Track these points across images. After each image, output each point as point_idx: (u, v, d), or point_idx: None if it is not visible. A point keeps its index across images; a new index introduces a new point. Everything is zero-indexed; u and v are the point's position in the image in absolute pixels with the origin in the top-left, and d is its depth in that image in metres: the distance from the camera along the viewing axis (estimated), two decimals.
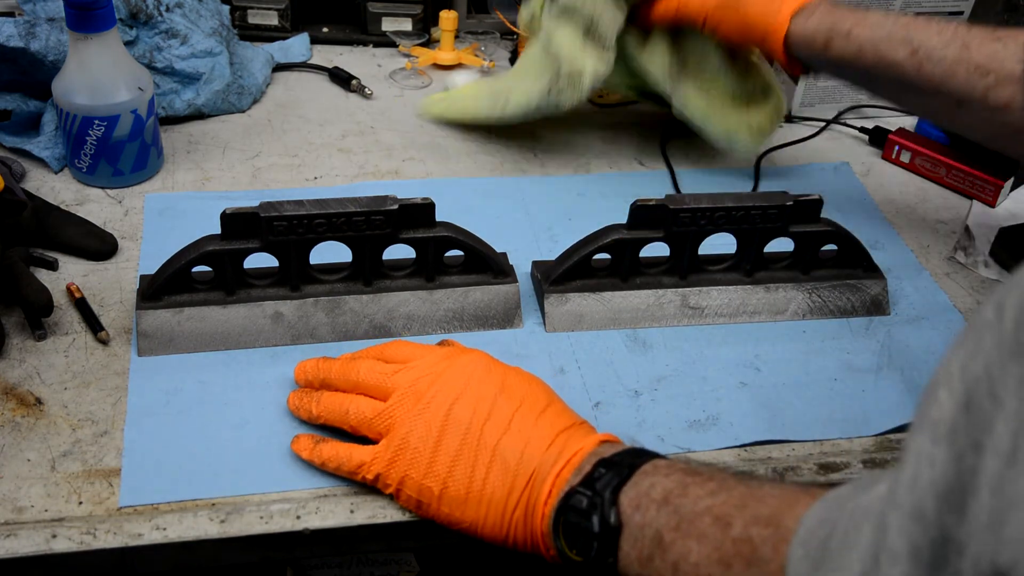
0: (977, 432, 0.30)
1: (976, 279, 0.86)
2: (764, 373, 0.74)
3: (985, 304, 0.32)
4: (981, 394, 0.30)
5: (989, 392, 0.29)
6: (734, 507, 0.48)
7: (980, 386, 0.30)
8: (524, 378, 0.63)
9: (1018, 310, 0.29)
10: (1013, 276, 0.31)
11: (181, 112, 0.95)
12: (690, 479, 0.52)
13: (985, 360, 0.30)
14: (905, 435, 0.40)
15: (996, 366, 0.29)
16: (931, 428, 0.32)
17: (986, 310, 0.31)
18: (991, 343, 0.30)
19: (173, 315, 0.70)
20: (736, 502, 0.48)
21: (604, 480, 0.53)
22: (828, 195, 0.80)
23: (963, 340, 0.32)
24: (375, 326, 0.74)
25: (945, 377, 0.32)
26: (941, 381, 0.32)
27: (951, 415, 0.31)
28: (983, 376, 0.30)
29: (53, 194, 0.85)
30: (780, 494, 0.47)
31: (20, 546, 0.57)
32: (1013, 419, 0.28)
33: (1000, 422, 0.29)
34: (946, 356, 0.33)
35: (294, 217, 0.68)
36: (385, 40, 1.12)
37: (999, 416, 0.29)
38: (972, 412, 0.30)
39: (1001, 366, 0.29)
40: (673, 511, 0.50)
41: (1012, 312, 0.30)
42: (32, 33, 0.85)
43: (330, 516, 0.61)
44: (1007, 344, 0.29)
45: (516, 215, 0.88)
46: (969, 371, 0.31)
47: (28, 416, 0.65)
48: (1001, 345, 0.30)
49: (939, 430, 0.31)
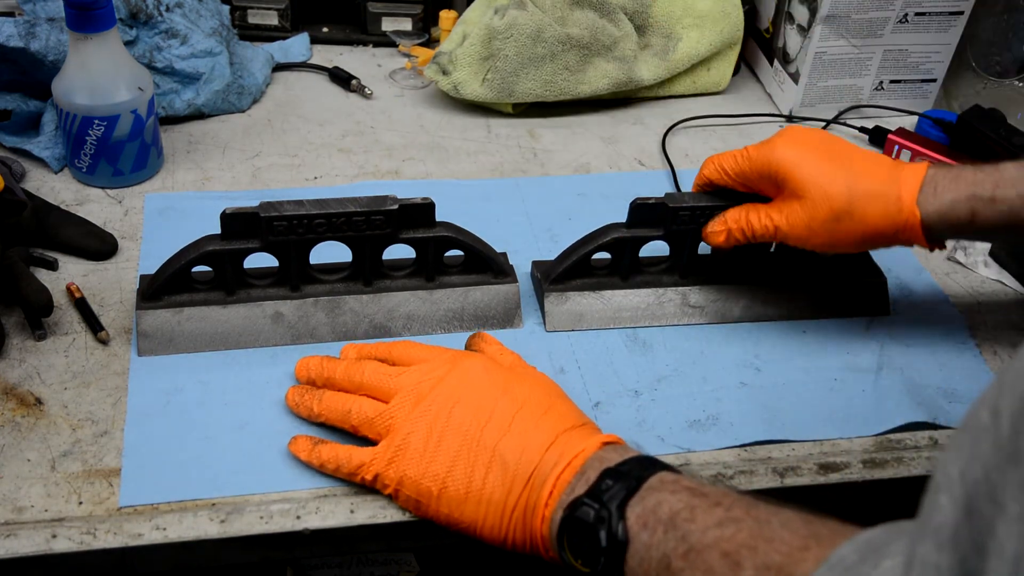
0: (980, 536, 0.30)
1: (976, 279, 0.86)
2: (764, 373, 0.74)
3: (979, 406, 0.32)
4: (982, 499, 0.31)
5: (989, 496, 0.30)
6: (744, 546, 0.48)
7: (980, 490, 0.31)
8: (528, 380, 0.63)
9: (1014, 415, 0.30)
10: (1003, 377, 0.32)
11: (181, 112, 0.95)
12: (696, 501, 0.51)
13: (984, 465, 0.31)
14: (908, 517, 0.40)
15: (995, 471, 0.30)
16: (934, 534, 0.32)
17: (981, 413, 0.32)
18: (989, 448, 0.31)
19: (173, 315, 0.70)
20: (746, 540, 0.48)
21: (611, 492, 0.53)
22: None
23: (959, 443, 0.33)
24: (375, 326, 0.74)
25: (945, 482, 0.33)
26: (941, 486, 0.33)
27: (953, 520, 0.32)
28: (983, 480, 0.31)
29: (53, 194, 0.85)
30: (790, 538, 0.47)
31: (20, 546, 0.57)
32: (1016, 522, 0.29)
33: (1002, 525, 0.29)
34: (943, 459, 0.34)
35: (294, 217, 0.68)
36: (385, 40, 1.12)
37: (1000, 520, 0.30)
38: (974, 517, 0.31)
39: (1000, 471, 0.30)
40: (681, 538, 0.50)
41: (1008, 417, 0.30)
42: (32, 33, 0.85)
43: (330, 516, 0.61)
44: (1005, 449, 0.30)
45: (516, 215, 0.88)
46: (968, 476, 0.31)
47: (28, 416, 0.65)
48: (999, 450, 0.30)
49: (942, 535, 0.32)
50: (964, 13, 1.02)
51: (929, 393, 0.74)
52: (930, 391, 0.74)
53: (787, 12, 1.06)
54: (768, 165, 0.69)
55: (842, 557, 0.42)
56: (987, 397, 0.32)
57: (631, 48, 1.02)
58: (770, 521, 0.49)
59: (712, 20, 1.05)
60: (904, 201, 0.67)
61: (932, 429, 0.71)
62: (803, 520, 0.48)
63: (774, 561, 0.46)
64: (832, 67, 1.04)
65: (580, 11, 0.99)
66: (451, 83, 0.99)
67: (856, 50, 1.03)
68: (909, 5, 1.00)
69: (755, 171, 0.70)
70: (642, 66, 1.04)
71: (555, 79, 0.99)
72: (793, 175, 0.68)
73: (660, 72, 1.05)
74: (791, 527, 0.48)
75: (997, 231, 0.67)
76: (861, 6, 0.99)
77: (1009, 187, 0.65)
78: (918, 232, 0.67)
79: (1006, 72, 1.05)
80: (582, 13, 0.99)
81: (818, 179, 0.67)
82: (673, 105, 1.07)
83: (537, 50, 0.97)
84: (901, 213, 0.67)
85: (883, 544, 0.41)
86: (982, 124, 0.94)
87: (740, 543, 0.48)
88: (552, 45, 0.97)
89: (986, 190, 0.66)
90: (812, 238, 0.69)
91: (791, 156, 0.68)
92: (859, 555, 0.41)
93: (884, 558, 0.39)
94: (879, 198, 0.67)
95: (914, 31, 1.02)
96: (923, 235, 0.67)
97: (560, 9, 0.98)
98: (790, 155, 0.68)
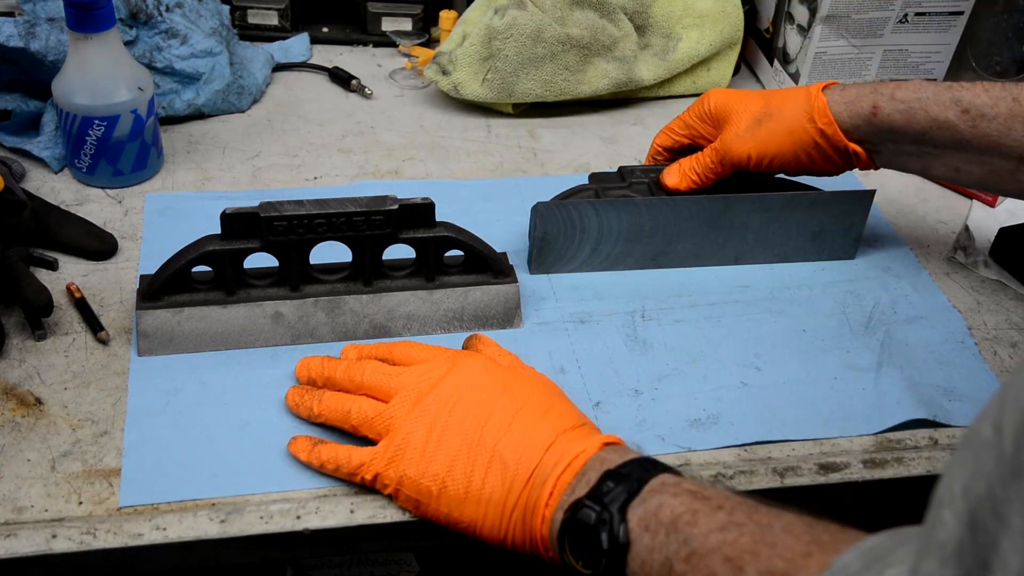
0: (983, 552, 0.30)
1: (976, 279, 0.86)
2: (764, 373, 0.74)
3: (981, 421, 0.32)
4: (985, 514, 0.31)
5: (993, 512, 0.30)
6: (746, 551, 0.48)
7: (984, 505, 0.31)
8: (528, 380, 0.63)
9: (1017, 430, 0.30)
10: (1005, 392, 0.32)
11: (181, 112, 0.95)
12: (699, 504, 0.51)
13: (987, 480, 0.31)
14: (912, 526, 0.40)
15: (999, 486, 0.30)
16: (939, 550, 0.33)
17: (984, 429, 0.32)
18: (992, 463, 0.31)
19: (173, 315, 0.70)
20: (748, 545, 0.48)
21: (612, 494, 0.53)
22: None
23: (962, 459, 0.33)
24: (375, 326, 0.74)
25: (948, 497, 0.33)
26: (944, 502, 0.33)
27: (957, 536, 0.32)
28: (986, 496, 0.31)
29: (53, 194, 0.85)
30: (792, 544, 0.47)
31: (20, 546, 0.57)
32: (1020, 537, 0.29)
33: (1006, 540, 0.30)
34: (946, 474, 0.34)
35: (294, 217, 0.68)
36: (385, 40, 1.12)
37: (1004, 535, 0.30)
38: (978, 532, 0.31)
39: (1004, 486, 0.30)
40: (684, 541, 0.50)
41: (1011, 433, 0.30)
42: (32, 33, 0.85)
43: (330, 516, 0.61)
44: (1008, 465, 0.30)
45: (516, 215, 0.88)
46: (972, 491, 0.32)
47: (28, 416, 0.65)
48: (1002, 465, 0.30)
49: (946, 551, 0.32)
50: (964, 13, 1.02)
51: (929, 392, 0.74)
52: (930, 390, 0.74)
53: (787, 12, 1.06)
54: (702, 105, 0.82)
55: (845, 565, 0.42)
56: (989, 412, 0.32)
57: (631, 48, 1.02)
58: (772, 526, 0.49)
59: (712, 20, 1.05)
60: (811, 92, 0.77)
61: (932, 427, 0.71)
62: (805, 525, 0.48)
63: (777, 567, 0.46)
64: (832, 67, 1.04)
65: (580, 11, 0.99)
66: (451, 83, 0.99)
67: (856, 50, 1.03)
68: (909, 5, 1.00)
69: (694, 116, 0.82)
70: (642, 66, 1.04)
71: (555, 79, 0.99)
72: (723, 104, 0.80)
73: (660, 72, 1.05)
74: (793, 532, 0.48)
75: (898, 133, 0.75)
76: (861, 6, 0.99)
77: (908, 90, 0.75)
78: (831, 121, 0.76)
79: (1006, 72, 1.05)
80: (582, 13, 0.99)
81: (741, 99, 0.80)
82: (673, 105, 1.07)
83: (537, 50, 0.97)
84: (809, 100, 0.76)
85: (886, 552, 0.40)
86: None
87: (742, 548, 0.48)
88: (552, 45, 0.97)
89: (886, 89, 0.75)
90: (740, 145, 0.78)
91: (720, 94, 0.81)
92: (862, 563, 0.41)
93: (888, 567, 0.39)
94: (791, 98, 0.78)
95: (914, 31, 1.02)
96: (839, 129, 0.76)
97: (560, 9, 0.98)
98: (720, 94, 0.81)
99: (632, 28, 1.02)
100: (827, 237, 0.84)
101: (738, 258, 0.84)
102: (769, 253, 0.84)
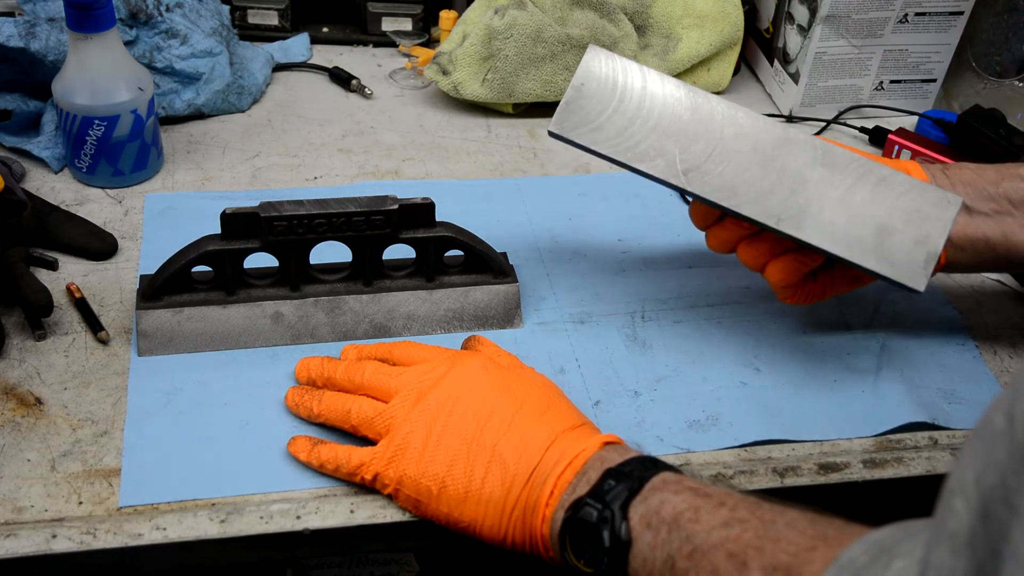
0: (995, 540, 0.30)
1: (976, 279, 0.86)
2: (764, 373, 0.74)
3: (993, 411, 0.32)
4: (997, 503, 0.31)
5: (1005, 501, 0.30)
6: (750, 547, 0.48)
7: (996, 495, 0.31)
8: (527, 379, 0.63)
9: None
10: (1017, 381, 0.32)
11: (181, 112, 0.95)
12: (700, 502, 0.51)
13: (999, 470, 0.31)
14: (920, 518, 0.40)
15: (1011, 475, 0.30)
16: (950, 539, 0.33)
17: (996, 418, 0.32)
18: (1004, 452, 0.31)
19: (173, 315, 0.70)
20: (752, 540, 0.48)
21: (613, 493, 0.53)
22: None
23: (974, 448, 0.33)
24: (375, 326, 0.74)
25: (960, 487, 0.33)
26: (956, 491, 0.33)
27: (969, 525, 0.32)
28: (998, 485, 0.31)
29: (53, 194, 0.85)
30: (796, 539, 0.47)
31: (20, 546, 0.57)
32: None
33: (1017, 529, 0.30)
34: (957, 464, 0.34)
35: (294, 217, 0.68)
36: (385, 40, 1.12)
37: (1016, 524, 0.30)
38: (989, 521, 0.31)
39: (1016, 475, 0.30)
40: (686, 538, 0.50)
41: (1023, 422, 0.31)
42: (32, 33, 0.85)
43: (330, 516, 0.61)
44: (1020, 454, 0.30)
45: (516, 215, 0.88)
46: (983, 481, 0.32)
47: (28, 416, 0.65)
48: (1014, 455, 0.30)
49: (958, 540, 0.32)
50: (964, 13, 1.02)
51: (929, 394, 0.74)
52: (930, 392, 0.74)
53: (787, 12, 1.06)
54: None
55: (852, 558, 0.42)
56: (1001, 402, 0.32)
57: (631, 48, 1.02)
58: (775, 521, 0.49)
59: (712, 20, 1.05)
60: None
61: (932, 430, 0.71)
62: (809, 520, 0.48)
63: (781, 562, 0.46)
64: (832, 67, 1.04)
65: (580, 11, 0.99)
66: (451, 83, 0.99)
67: (856, 50, 1.03)
68: (909, 5, 1.00)
69: None
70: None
71: (555, 79, 0.99)
72: None
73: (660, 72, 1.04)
74: (797, 527, 0.48)
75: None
76: (861, 6, 0.99)
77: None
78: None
79: (1006, 72, 1.05)
80: (582, 13, 0.99)
81: None
82: None
83: (537, 50, 0.97)
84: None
85: (893, 544, 0.40)
86: (982, 124, 0.94)
87: (746, 543, 0.48)
88: (552, 45, 0.97)
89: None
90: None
91: None
92: (869, 556, 0.41)
93: (895, 559, 0.39)
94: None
95: (914, 31, 1.02)
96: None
97: (560, 9, 0.98)
98: None
99: (632, 28, 1.02)
100: (894, 236, 0.65)
101: (780, 219, 0.66)
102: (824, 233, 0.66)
